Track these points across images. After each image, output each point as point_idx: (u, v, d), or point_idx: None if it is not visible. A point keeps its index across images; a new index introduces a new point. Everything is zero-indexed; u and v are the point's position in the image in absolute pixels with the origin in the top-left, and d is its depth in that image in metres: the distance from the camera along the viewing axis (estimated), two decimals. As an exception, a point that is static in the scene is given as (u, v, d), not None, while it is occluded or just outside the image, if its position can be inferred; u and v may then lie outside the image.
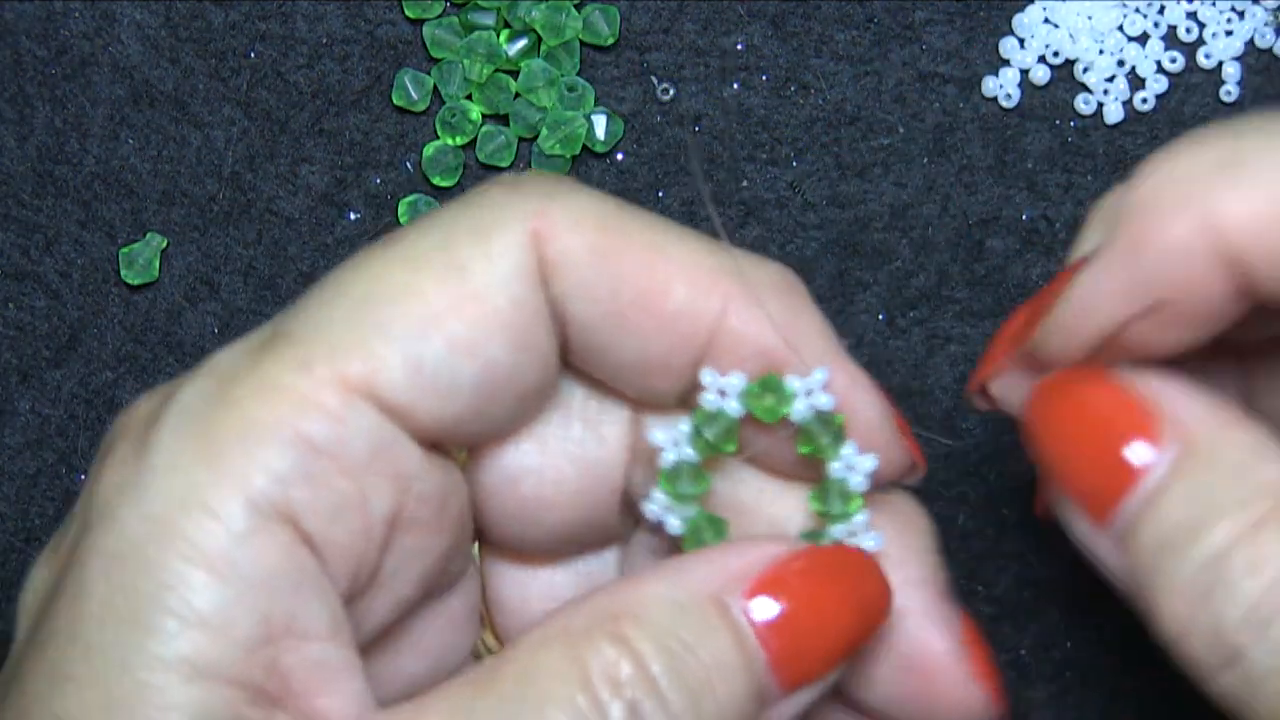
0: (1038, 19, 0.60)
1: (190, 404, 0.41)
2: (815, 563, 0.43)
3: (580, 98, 0.60)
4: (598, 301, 0.43)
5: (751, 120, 0.61)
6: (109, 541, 0.40)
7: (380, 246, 0.42)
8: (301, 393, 0.40)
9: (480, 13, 0.60)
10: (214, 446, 0.40)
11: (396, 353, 0.41)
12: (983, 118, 0.61)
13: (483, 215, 0.42)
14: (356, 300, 0.41)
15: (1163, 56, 0.60)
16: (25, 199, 0.61)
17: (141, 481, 0.40)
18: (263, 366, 0.41)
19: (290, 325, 0.41)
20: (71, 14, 0.61)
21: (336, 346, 0.41)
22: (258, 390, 0.40)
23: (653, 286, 0.43)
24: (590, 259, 0.43)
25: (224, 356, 0.42)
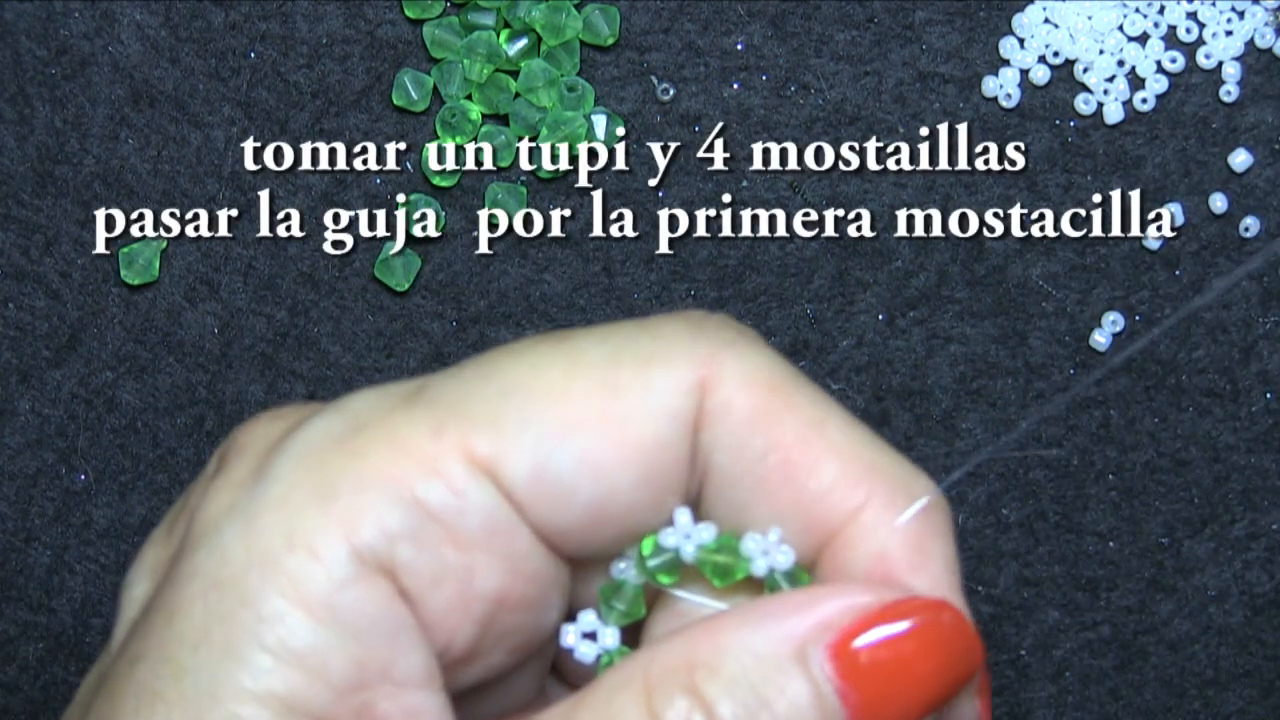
0: (1038, 19, 0.60)
1: (315, 440, 0.41)
2: (902, 615, 0.42)
3: (580, 98, 0.60)
4: (744, 462, 0.42)
5: (751, 120, 0.61)
6: (211, 566, 0.40)
7: (552, 339, 0.42)
8: (426, 456, 0.40)
9: (480, 13, 0.60)
10: (329, 489, 0.40)
11: (527, 446, 0.40)
12: (983, 118, 0.61)
13: (655, 345, 0.42)
14: (506, 384, 0.41)
15: (1163, 56, 0.60)
16: (25, 199, 0.61)
17: (252, 509, 0.40)
18: (395, 420, 0.41)
19: (436, 387, 0.41)
20: (71, 14, 0.61)
21: (472, 420, 0.40)
22: (384, 443, 0.40)
23: (803, 462, 0.42)
24: (749, 419, 0.42)
25: (362, 399, 0.41)
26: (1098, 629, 0.61)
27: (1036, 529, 0.61)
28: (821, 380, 0.61)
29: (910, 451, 0.61)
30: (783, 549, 0.42)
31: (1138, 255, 0.61)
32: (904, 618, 0.41)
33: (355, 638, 0.39)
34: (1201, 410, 0.61)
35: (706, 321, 0.42)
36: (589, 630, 0.43)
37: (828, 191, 0.61)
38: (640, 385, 0.41)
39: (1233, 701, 0.61)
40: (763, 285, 0.61)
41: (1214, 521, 0.61)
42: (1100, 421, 0.61)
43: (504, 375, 0.41)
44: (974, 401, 0.61)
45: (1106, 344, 0.61)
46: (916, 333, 0.61)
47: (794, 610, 0.41)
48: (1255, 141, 0.60)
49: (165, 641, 0.40)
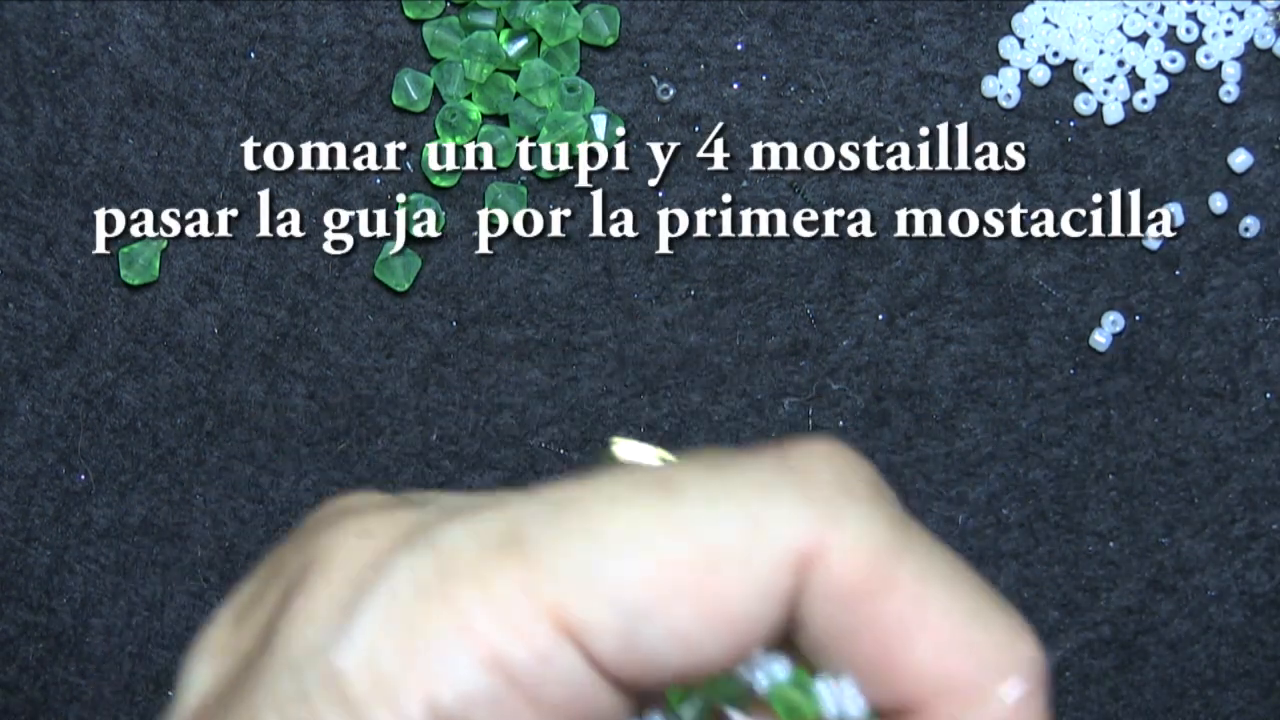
0: (1038, 19, 0.60)
1: (403, 585, 0.40)
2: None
3: (580, 98, 0.60)
4: (837, 635, 0.41)
5: (751, 120, 0.61)
6: (293, 707, 0.40)
7: (655, 486, 0.41)
8: (515, 616, 0.40)
9: (480, 13, 0.60)
10: (415, 642, 0.40)
11: (619, 616, 0.40)
12: (983, 118, 0.61)
13: (761, 513, 0.40)
14: (604, 540, 0.40)
15: (1163, 56, 0.60)
16: (25, 199, 0.61)
17: (338, 653, 0.40)
18: (486, 571, 0.40)
19: (531, 534, 0.40)
20: (71, 14, 0.61)
21: (565, 581, 0.40)
22: (474, 597, 0.40)
23: (902, 636, 0.41)
24: (849, 596, 0.41)
25: (455, 536, 0.40)
26: (1098, 629, 0.61)
27: (1036, 529, 0.61)
28: (821, 380, 0.61)
29: (910, 451, 0.61)
30: (856, 698, 0.42)
31: (1138, 255, 0.61)
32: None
33: None
34: (1201, 410, 0.61)
35: (818, 473, 0.41)
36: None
37: (828, 191, 0.61)
38: (742, 561, 0.40)
39: (1233, 701, 0.61)
40: (763, 285, 0.61)
41: (1214, 521, 0.61)
42: (1100, 421, 0.61)
43: (603, 529, 0.40)
44: (974, 401, 0.61)
45: (1107, 344, 0.61)
46: (916, 333, 0.61)
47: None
48: (1255, 141, 0.60)
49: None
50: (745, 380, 0.61)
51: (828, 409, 0.61)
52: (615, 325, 0.61)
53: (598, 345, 0.61)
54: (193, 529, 0.62)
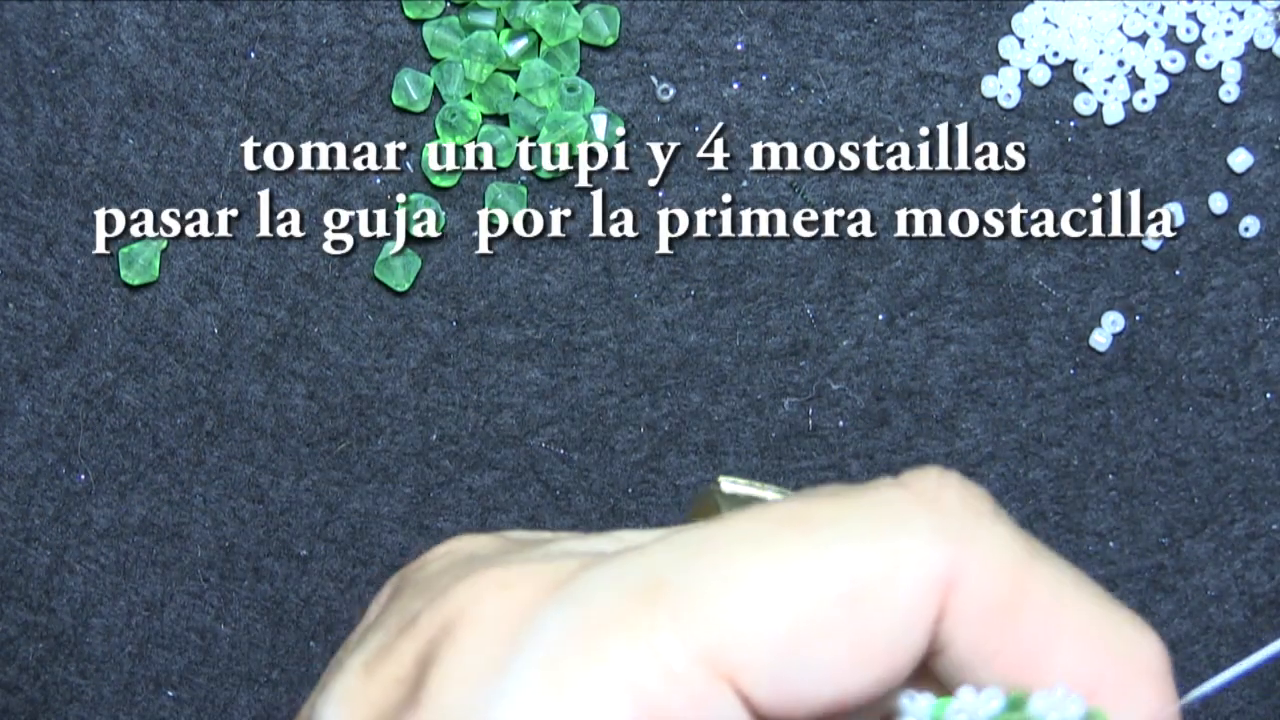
0: (1038, 19, 0.60)
1: (555, 639, 0.40)
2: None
3: (580, 98, 0.60)
4: (978, 654, 0.42)
5: (751, 120, 0.61)
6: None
7: (789, 521, 0.41)
8: (670, 664, 0.39)
9: (480, 13, 0.60)
10: (571, 696, 0.39)
11: (769, 656, 0.40)
12: (983, 118, 0.61)
13: (900, 542, 0.40)
14: (748, 582, 0.40)
15: (1163, 56, 0.60)
16: (25, 199, 0.61)
17: (493, 702, 0.39)
18: (637, 622, 0.40)
19: (675, 581, 0.40)
20: (71, 14, 0.61)
21: (715, 625, 0.40)
22: (628, 647, 0.39)
23: (1040, 652, 0.42)
24: (991, 617, 0.41)
25: (598, 587, 0.40)
26: (1098, 629, 0.61)
27: (1036, 529, 0.61)
28: (822, 380, 0.61)
29: (910, 451, 0.61)
30: (1073, 699, 0.42)
31: (1138, 255, 0.61)
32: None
33: None
34: (1201, 410, 0.61)
35: (946, 501, 0.42)
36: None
37: (828, 191, 0.61)
38: (887, 591, 0.40)
39: (1233, 702, 0.61)
40: (763, 285, 0.61)
41: (1214, 521, 0.61)
42: (1100, 421, 0.61)
43: (745, 571, 0.40)
44: (974, 401, 0.61)
45: (1107, 344, 0.61)
46: (916, 333, 0.61)
47: None
48: (1255, 141, 0.60)
49: None
50: (745, 380, 0.61)
51: (828, 409, 0.61)
52: (615, 325, 0.61)
53: (598, 345, 0.61)
54: (193, 529, 0.62)
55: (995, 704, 0.42)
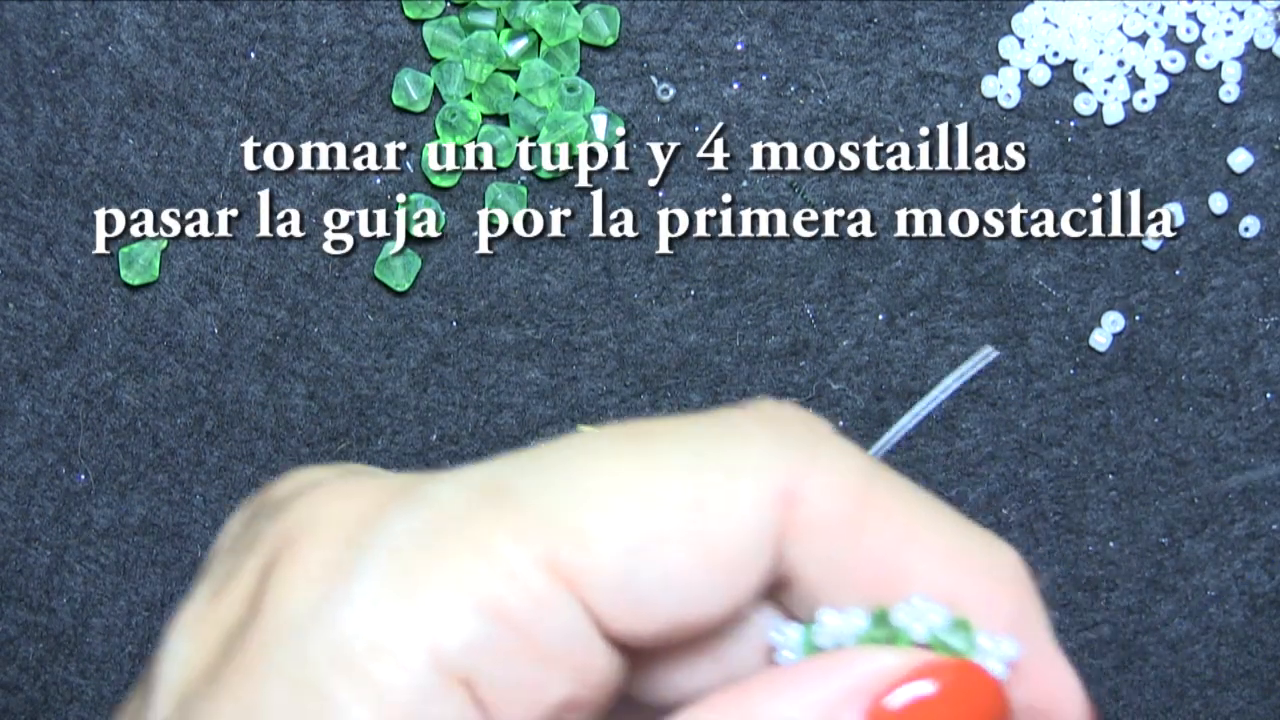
0: (1038, 19, 0.60)
1: (399, 541, 0.40)
2: (931, 675, 0.42)
3: (580, 98, 0.60)
4: (832, 573, 0.42)
5: (751, 120, 0.61)
6: (292, 665, 0.40)
7: (633, 438, 0.41)
8: (511, 564, 0.40)
9: (480, 13, 0.60)
10: (416, 597, 0.40)
11: (611, 559, 0.40)
12: (983, 118, 0.61)
13: (740, 454, 0.41)
14: (591, 488, 0.40)
15: (1163, 56, 0.60)
16: (25, 199, 0.61)
17: (337, 611, 0.40)
18: (480, 524, 0.40)
19: (519, 485, 0.41)
20: (71, 14, 0.61)
21: (557, 528, 0.40)
22: (470, 550, 0.40)
23: (895, 570, 0.42)
24: (838, 532, 0.41)
25: (442, 491, 0.41)
26: (1098, 629, 0.61)
27: (1036, 529, 0.61)
28: (822, 380, 0.61)
29: (910, 451, 0.61)
30: (934, 608, 0.42)
31: (1138, 255, 0.61)
32: (932, 678, 0.41)
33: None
34: (1201, 410, 0.61)
35: (786, 421, 0.42)
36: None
37: (828, 191, 0.61)
38: (727, 499, 0.40)
39: (1233, 701, 0.61)
40: (763, 285, 0.61)
41: (1214, 521, 0.61)
42: (1100, 421, 0.61)
43: (588, 478, 0.41)
44: (974, 401, 0.61)
45: (1107, 344, 0.61)
46: (916, 333, 0.61)
47: (824, 675, 0.41)
48: (1255, 141, 0.60)
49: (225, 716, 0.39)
50: (745, 380, 0.61)
51: (828, 409, 0.61)
52: (615, 325, 0.61)
53: (598, 345, 0.61)
54: (193, 529, 0.62)
55: (860, 621, 0.42)
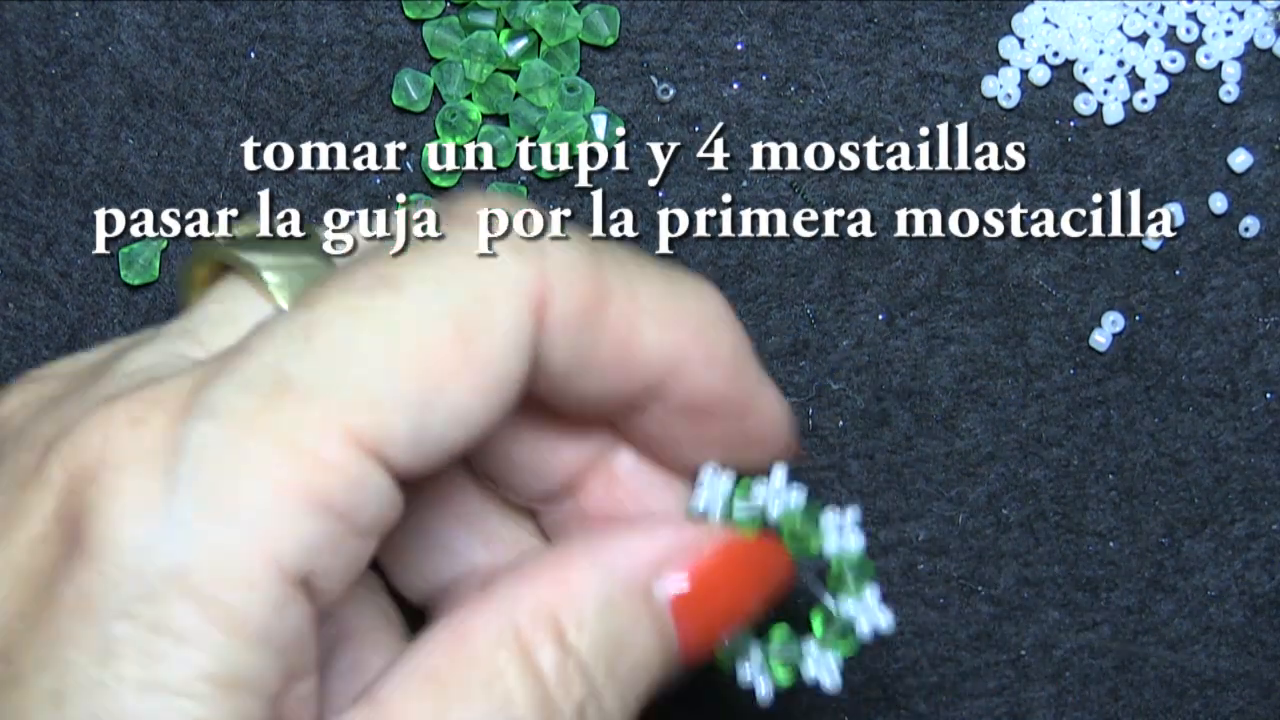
0: (1038, 19, 0.60)
1: (211, 460, 0.40)
2: (732, 550, 0.47)
3: (580, 98, 0.60)
4: (580, 356, 0.44)
5: (751, 120, 0.61)
6: (140, 605, 0.39)
7: (380, 290, 0.42)
8: (322, 457, 0.40)
9: (480, 13, 0.60)
10: (244, 511, 0.40)
11: (404, 419, 0.41)
12: (983, 118, 0.61)
13: (484, 278, 0.43)
14: (366, 355, 0.41)
15: (1163, 56, 0.60)
16: (25, 199, 0.61)
17: (172, 544, 0.40)
18: (278, 421, 0.41)
19: (298, 371, 0.41)
20: (71, 14, 0.61)
21: (349, 407, 0.41)
22: (277, 449, 0.40)
23: (629, 336, 0.45)
24: (581, 320, 0.44)
25: (228, 400, 0.41)
26: (1098, 629, 0.61)
27: (1036, 529, 0.61)
28: (822, 380, 0.61)
29: (910, 451, 0.61)
30: (859, 534, 0.49)
31: (1138, 255, 0.61)
32: (732, 551, 0.47)
33: (282, 654, 0.40)
34: (1201, 410, 0.61)
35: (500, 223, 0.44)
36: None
37: (828, 191, 0.61)
38: (487, 327, 0.42)
39: (1233, 701, 0.61)
40: (763, 285, 0.61)
41: (1214, 521, 0.61)
42: (1100, 421, 0.61)
43: (359, 345, 0.41)
44: (974, 401, 0.61)
45: (1107, 344, 0.61)
46: (916, 333, 0.61)
47: (639, 550, 0.46)
48: (1255, 141, 0.60)
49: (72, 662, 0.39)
50: (745, 380, 0.61)
51: (828, 409, 0.61)
52: (615, 325, 0.61)
53: (598, 345, 0.61)
54: (193, 529, 0.62)
55: (795, 503, 0.49)
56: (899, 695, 0.61)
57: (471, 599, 0.45)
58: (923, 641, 0.61)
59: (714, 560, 0.47)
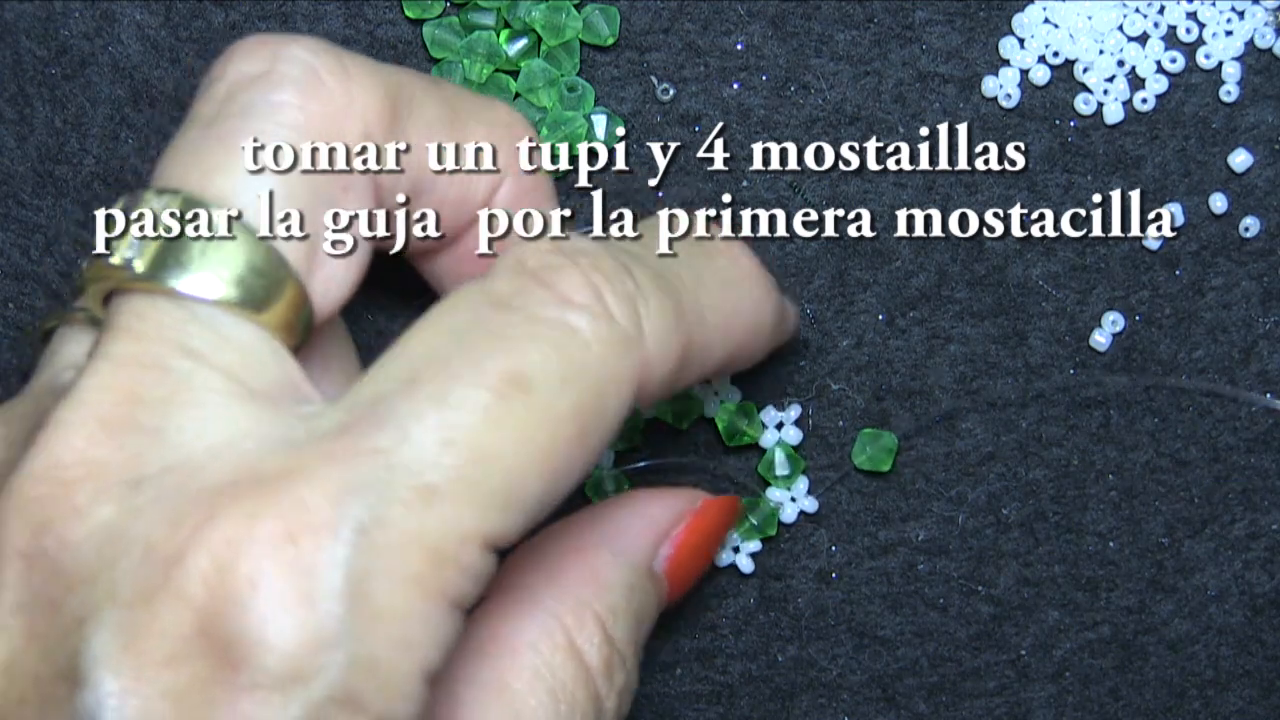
0: (1038, 19, 0.60)
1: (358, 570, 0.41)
2: (705, 510, 0.54)
3: (580, 98, 0.60)
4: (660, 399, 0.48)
5: (751, 120, 0.61)
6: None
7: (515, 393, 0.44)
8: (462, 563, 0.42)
9: (480, 13, 0.60)
10: (396, 623, 0.41)
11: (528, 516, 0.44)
12: (983, 118, 0.61)
13: (605, 373, 0.45)
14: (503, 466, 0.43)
15: (1163, 56, 0.60)
16: (25, 199, 0.61)
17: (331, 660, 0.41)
18: (425, 533, 0.42)
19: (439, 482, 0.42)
20: (71, 14, 0.61)
21: (486, 516, 0.42)
22: (423, 561, 0.42)
23: (703, 365, 0.49)
24: (669, 381, 0.47)
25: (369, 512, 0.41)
26: (1098, 629, 0.61)
27: (1036, 529, 0.61)
28: (822, 380, 0.61)
29: (910, 451, 0.61)
30: (796, 432, 0.59)
31: (1138, 255, 0.61)
32: (709, 513, 0.54)
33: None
34: (1201, 410, 0.61)
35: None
36: None
37: (828, 191, 0.61)
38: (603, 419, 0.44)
39: (1233, 701, 0.61)
40: (763, 285, 0.61)
41: (1214, 521, 0.61)
42: (1100, 421, 0.61)
43: (497, 453, 0.43)
44: (974, 401, 0.61)
45: (1106, 344, 0.61)
46: (916, 333, 0.61)
47: (642, 532, 0.52)
48: (1255, 141, 0.60)
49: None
50: (745, 380, 0.61)
51: (828, 409, 0.61)
52: (615, 325, 0.61)
53: (598, 345, 0.61)
54: (193, 529, 0.62)
55: (732, 399, 0.59)
56: (899, 695, 0.61)
57: (515, 605, 0.48)
58: (923, 641, 0.61)
59: (694, 524, 0.53)
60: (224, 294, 0.44)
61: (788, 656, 0.61)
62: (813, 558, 0.61)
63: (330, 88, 0.46)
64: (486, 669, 0.46)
